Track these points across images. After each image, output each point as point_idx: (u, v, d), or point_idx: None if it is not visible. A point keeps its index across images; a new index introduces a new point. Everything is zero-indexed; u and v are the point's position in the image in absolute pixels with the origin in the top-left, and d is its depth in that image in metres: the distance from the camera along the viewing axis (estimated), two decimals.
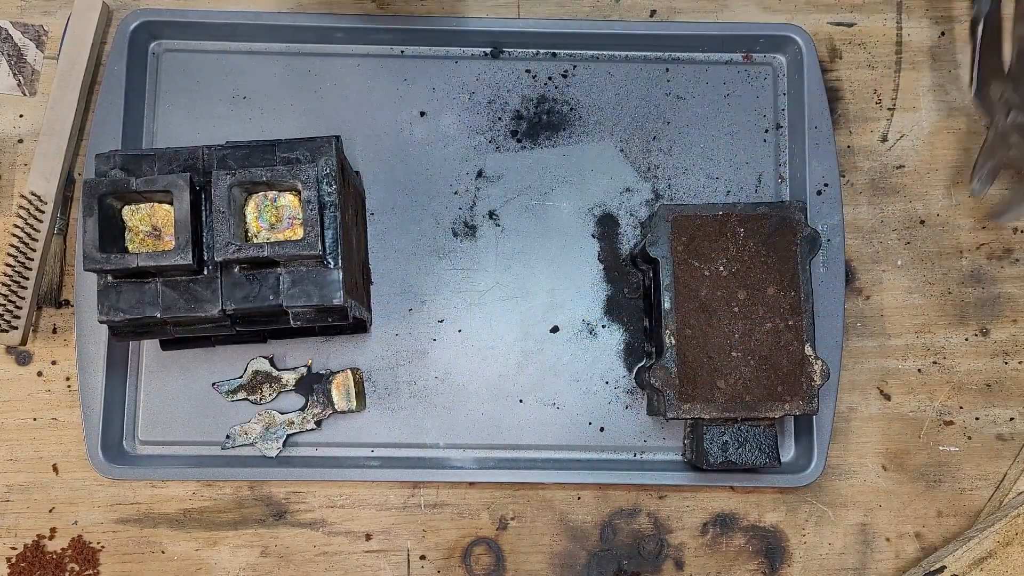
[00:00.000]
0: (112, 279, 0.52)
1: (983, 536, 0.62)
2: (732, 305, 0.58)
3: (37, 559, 0.62)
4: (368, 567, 0.63)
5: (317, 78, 0.67)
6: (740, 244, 0.59)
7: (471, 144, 0.66)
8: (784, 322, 0.58)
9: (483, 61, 0.67)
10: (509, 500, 0.64)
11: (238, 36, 0.66)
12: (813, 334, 0.58)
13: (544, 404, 0.65)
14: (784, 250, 0.59)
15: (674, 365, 0.57)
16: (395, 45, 0.67)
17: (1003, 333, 0.66)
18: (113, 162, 0.53)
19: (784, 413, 0.57)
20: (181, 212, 0.51)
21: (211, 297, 0.52)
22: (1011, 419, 0.66)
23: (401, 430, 0.64)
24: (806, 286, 0.58)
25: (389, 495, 0.64)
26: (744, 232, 0.59)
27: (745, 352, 0.58)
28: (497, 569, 0.64)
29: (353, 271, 0.56)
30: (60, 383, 0.64)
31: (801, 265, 0.58)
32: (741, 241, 0.59)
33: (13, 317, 0.62)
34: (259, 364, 0.63)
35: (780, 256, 0.58)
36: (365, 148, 0.66)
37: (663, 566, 0.64)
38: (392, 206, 0.66)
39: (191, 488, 0.63)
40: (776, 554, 0.64)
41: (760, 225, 0.59)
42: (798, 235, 0.59)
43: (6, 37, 0.66)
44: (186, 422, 0.64)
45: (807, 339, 0.58)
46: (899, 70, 0.68)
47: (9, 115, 0.66)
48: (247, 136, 0.66)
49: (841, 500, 0.65)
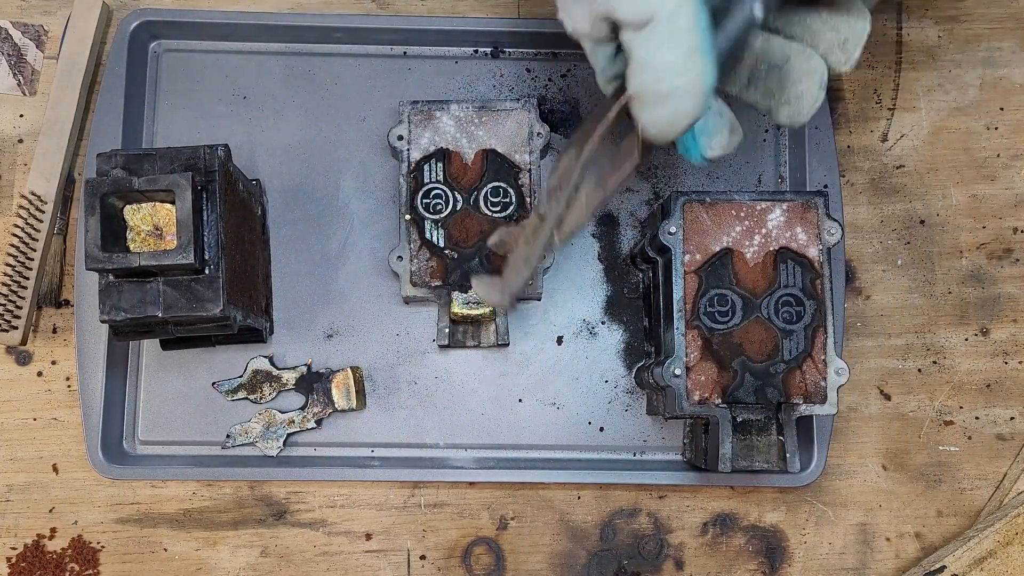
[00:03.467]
0: (113, 278, 0.52)
1: (983, 536, 0.62)
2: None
3: (37, 559, 0.62)
4: (368, 567, 0.63)
5: (317, 78, 0.67)
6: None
7: None
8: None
9: (483, 61, 0.67)
10: (509, 500, 0.64)
11: (238, 36, 0.66)
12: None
13: (544, 404, 0.65)
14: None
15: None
16: (395, 45, 0.67)
17: (1003, 333, 0.66)
18: (114, 161, 0.53)
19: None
20: (183, 211, 0.51)
21: (213, 296, 0.52)
22: (1011, 419, 0.66)
23: (401, 430, 0.64)
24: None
25: (389, 495, 0.64)
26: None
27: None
28: (497, 569, 0.64)
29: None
30: (60, 383, 0.64)
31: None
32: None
33: (13, 317, 0.62)
34: (259, 363, 0.63)
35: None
36: (366, 148, 0.66)
37: (663, 566, 0.64)
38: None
39: (191, 488, 0.63)
40: (776, 554, 0.64)
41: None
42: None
43: (6, 37, 0.66)
44: (186, 422, 0.64)
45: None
46: (899, 70, 0.68)
47: (9, 115, 0.66)
48: (248, 136, 0.66)
49: (841, 500, 0.65)
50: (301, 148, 0.66)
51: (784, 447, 0.57)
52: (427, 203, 0.61)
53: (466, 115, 0.62)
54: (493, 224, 0.60)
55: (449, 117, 0.62)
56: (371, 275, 0.65)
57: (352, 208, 0.66)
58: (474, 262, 0.59)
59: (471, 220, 0.60)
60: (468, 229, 0.60)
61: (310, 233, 0.65)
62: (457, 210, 0.61)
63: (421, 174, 0.61)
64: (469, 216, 0.60)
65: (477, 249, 0.60)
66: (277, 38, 0.67)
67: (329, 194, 0.66)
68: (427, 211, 0.60)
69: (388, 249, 0.63)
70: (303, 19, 0.66)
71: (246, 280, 0.58)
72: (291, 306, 0.65)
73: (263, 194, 0.65)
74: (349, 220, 0.66)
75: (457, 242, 0.60)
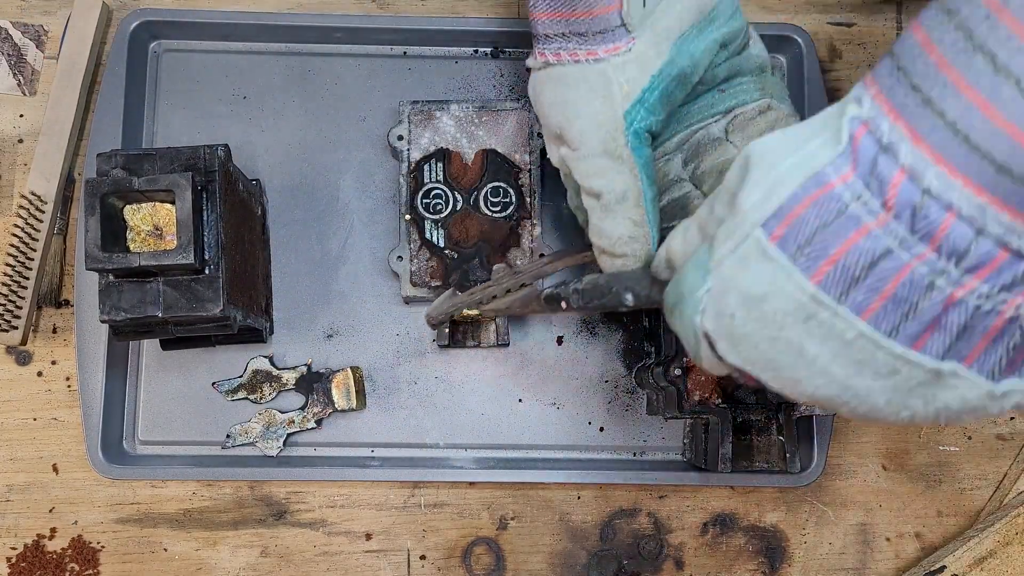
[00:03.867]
0: (113, 278, 0.52)
1: (983, 536, 0.62)
2: None
3: (37, 559, 0.62)
4: (368, 567, 0.63)
5: (317, 78, 0.67)
6: None
7: None
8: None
9: (483, 61, 0.67)
10: (509, 500, 0.64)
11: (238, 36, 0.66)
12: None
13: (544, 404, 0.65)
14: None
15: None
16: (395, 45, 0.67)
17: None
18: (114, 161, 0.53)
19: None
20: (183, 211, 0.51)
21: (213, 296, 0.52)
22: (1011, 419, 0.66)
23: (401, 430, 0.64)
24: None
25: (389, 495, 0.64)
26: None
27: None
28: (497, 569, 0.64)
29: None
30: (60, 383, 0.64)
31: None
32: None
33: (13, 317, 0.62)
34: (259, 363, 0.63)
35: None
36: (366, 148, 0.66)
37: (663, 566, 0.64)
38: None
39: (191, 488, 0.63)
40: (776, 554, 0.64)
41: None
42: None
43: (6, 37, 0.66)
44: (186, 422, 0.64)
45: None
46: None
47: (9, 115, 0.66)
48: (247, 136, 0.66)
49: (841, 500, 0.65)
50: (301, 148, 0.66)
51: (784, 447, 0.57)
52: (427, 203, 0.61)
53: (466, 115, 0.62)
54: (493, 224, 0.60)
55: (449, 117, 0.62)
56: (371, 275, 0.65)
57: (352, 208, 0.66)
58: (474, 262, 0.59)
59: (471, 220, 0.60)
60: (468, 229, 0.60)
61: (310, 233, 0.65)
62: (457, 210, 0.61)
63: (421, 174, 0.61)
64: (469, 216, 0.60)
65: (477, 249, 0.60)
66: (277, 38, 0.67)
67: (329, 194, 0.66)
68: (427, 211, 0.60)
69: (388, 249, 0.63)
70: (303, 19, 0.66)
71: (246, 280, 0.58)
72: (291, 306, 0.65)
73: (263, 194, 0.65)
74: (349, 220, 0.66)
75: (457, 242, 0.60)
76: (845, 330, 0.32)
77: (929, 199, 0.31)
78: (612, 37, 0.48)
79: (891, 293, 0.32)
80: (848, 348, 0.33)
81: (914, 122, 0.31)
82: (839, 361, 0.33)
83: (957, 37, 0.30)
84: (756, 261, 0.33)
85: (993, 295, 0.31)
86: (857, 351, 0.33)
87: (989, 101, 0.29)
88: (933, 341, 0.32)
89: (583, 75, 0.48)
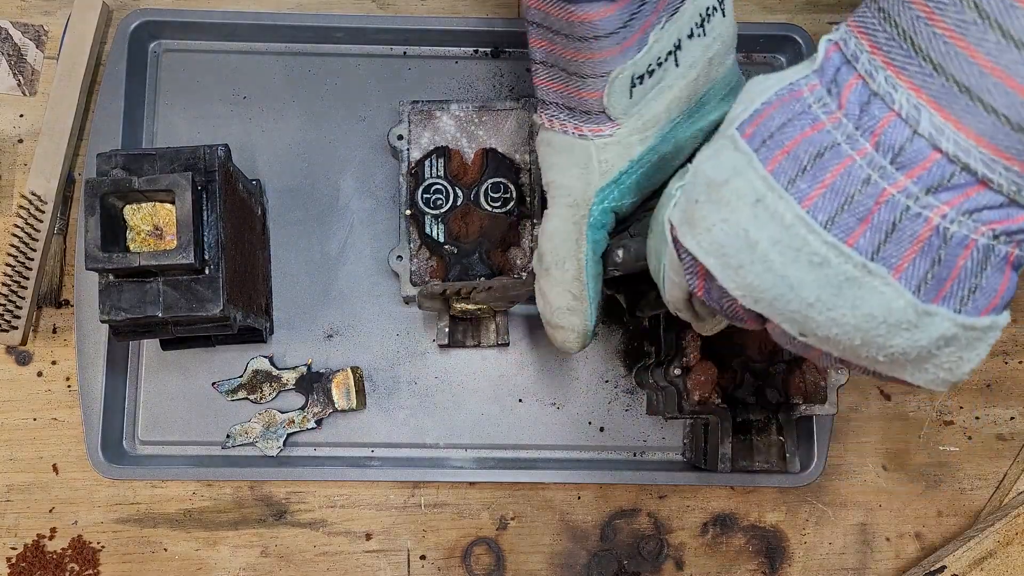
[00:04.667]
0: (113, 278, 0.52)
1: (983, 536, 0.62)
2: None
3: (37, 559, 0.62)
4: (368, 567, 0.63)
5: (317, 78, 0.67)
6: None
7: None
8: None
9: (483, 61, 0.67)
10: (509, 500, 0.64)
11: (238, 36, 0.66)
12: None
13: (544, 404, 0.65)
14: None
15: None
16: (395, 45, 0.67)
17: (1003, 333, 0.66)
18: (114, 161, 0.53)
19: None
20: (183, 211, 0.51)
21: (213, 296, 0.52)
22: (1011, 419, 0.66)
23: (401, 430, 0.64)
24: None
25: (389, 495, 0.64)
26: None
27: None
28: (497, 569, 0.64)
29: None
30: (60, 383, 0.64)
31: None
32: None
33: (13, 317, 0.62)
34: (259, 363, 0.63)
35: None
36: (366, 148, 0.66)
37: (663, 566, 0.64)
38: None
39: (191, 488, 0.63)
40: (776, 554, 0.64)
41: None
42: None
43: (6, 37, 0.66)
44: (186, 422, 0.64)
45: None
46: None
47: (9, 115, 0.66)
48: (247, 136, 0.66)
49: (841, 500, 0.65)
50: (301, 148, 0.66)
51: (784, 447, 0.57)
52: (427, 198, 0.60)
53: (466, 115, 0.62)
54: (494, 219, 0.60)
55: (449, 117, 0.62)
56: (371, 275, 0.65)
57: (352, 208, 0.66)
58: (474, 257, 0.59)
59: (471, 215, 0.60)
60: (468, 224, 0.60)
61: (310, 233, 0.65)
62: (457, 205, 0.61)
63: (422, 170, 0.61)
64: (470, 211, 0.60)
65: (477, 244, 0.60)
66: (277, 38, 0.67)
67: (329, 194, 0.66)
68: (427, 206, 0.60)
69: (388, 249, 0.63)
70: (303, 19, 0.66)
71: (246, 280, 0.58)
72: (291, 306, 0.65)
73: (263, 194, 0.65)
74: (349, 220, 0.66)
75: (457, 237, 0.60)
76: (784, 213, 0.34)
77: (875, 99, 0.34)
78: (597, 120, 0.49)
79: (830, 183, 0.34)
80: (786, 233, 0.34)
81: (871, 34, 0.35)
82: (777, 248, 0.35)
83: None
84: (726, 152, 0.36)
85: (921, 196, 0.33)
86: (793, 237, 0.34)
87: (935, 11, 0.32)
88: (864, 238, 0.34)
89: (569, 145, 0.50)
